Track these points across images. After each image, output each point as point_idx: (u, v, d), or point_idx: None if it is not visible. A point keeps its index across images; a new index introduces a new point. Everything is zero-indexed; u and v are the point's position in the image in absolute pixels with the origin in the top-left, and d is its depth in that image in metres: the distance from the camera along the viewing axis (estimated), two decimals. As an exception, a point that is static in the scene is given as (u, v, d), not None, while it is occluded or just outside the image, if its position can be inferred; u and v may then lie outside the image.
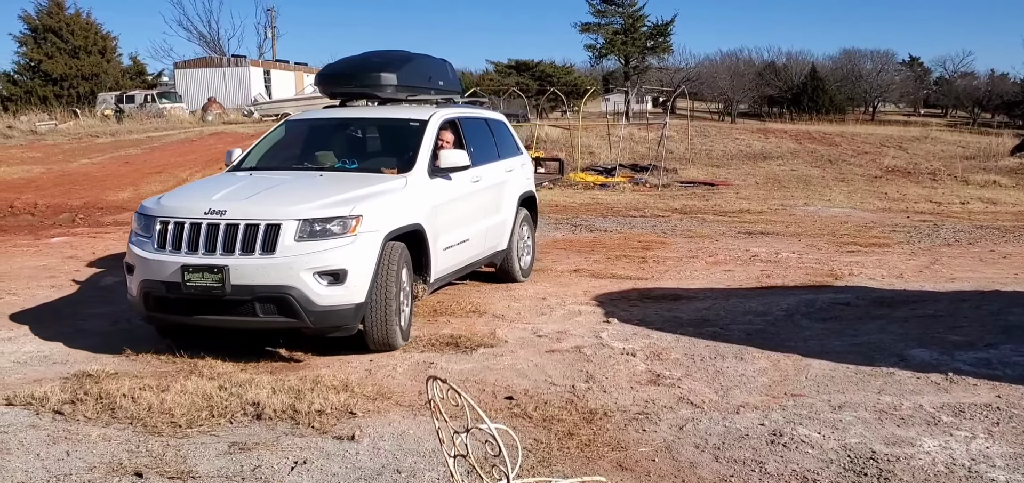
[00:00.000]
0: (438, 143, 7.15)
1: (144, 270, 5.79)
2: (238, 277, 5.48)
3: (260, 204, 5.79)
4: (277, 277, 5.50)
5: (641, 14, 56.14)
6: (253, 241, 5.55)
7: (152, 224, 5.86)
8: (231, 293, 5.50)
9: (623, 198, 17.19)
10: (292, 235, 5.56)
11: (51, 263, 9.81)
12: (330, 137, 7.67)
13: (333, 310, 5.61)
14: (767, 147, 26.88)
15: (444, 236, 6.78)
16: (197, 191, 6.54)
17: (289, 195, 6.00)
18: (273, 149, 7.51)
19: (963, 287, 8.07)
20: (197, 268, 5.52)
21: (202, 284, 5.52)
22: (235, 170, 7.12)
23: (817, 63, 66.34)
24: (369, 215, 5.78)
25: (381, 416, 4.66)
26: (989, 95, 67.35)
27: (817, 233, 12.03)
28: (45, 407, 4.77)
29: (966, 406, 4.70)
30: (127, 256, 6.08)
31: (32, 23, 47.43)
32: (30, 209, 15.43)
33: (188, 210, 5.80)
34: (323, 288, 5.55)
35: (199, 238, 5.62)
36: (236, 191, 6.09)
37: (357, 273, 5.65)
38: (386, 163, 6.94)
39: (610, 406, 4.82)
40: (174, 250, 5.68)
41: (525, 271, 8.60)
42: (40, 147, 27.88)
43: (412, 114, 7.45)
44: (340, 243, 5.61)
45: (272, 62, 53.88)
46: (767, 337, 6.26)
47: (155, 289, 5.73)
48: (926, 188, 19.16)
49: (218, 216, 5.64)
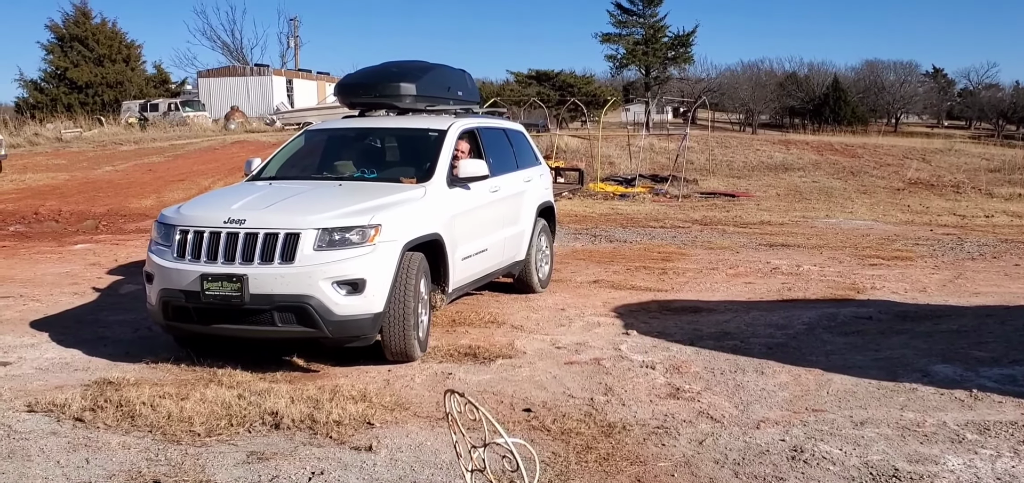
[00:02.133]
0: (456, 153, 7.17)
1: (163, 279, 5.79)
2: (257, 286, 5.48)
3: (279, 213, 5.80)
4: (296, 286, 5.49)
5: (662, 25, 56.02)
6: (272, 250, 5.54)
7: (172, 233, 5.87)
8: (250, 302, 5.49)
9: (643, 209, 17.13)
10: (311, 244, 5.55)
11: (74, 270, 9.91)
12: (349, 147, 7.68)
13: (351, 320, 5.59)
14: (788, 158, 26.73)
15: (462, 246, 6.77)
16: (216, 200, 6.56)
17: (308, 204, 6.01)
18: (292, 158, 7.54)
19: (988, 302, 7.96)
20: (216, 277, 5.52)
21: (221, 293, 5.52)
22: (255, 179, 7.17)
23: (839, 74, 66.00)
24: (388, 225, 5.78)
25: (399, 427, 4.65)
26: (1014, 107, 66.64)
27: (839, 246, 11.93)
28: (66, 414, 4.81)
29: (991, 424, 4.62)
30: (146, 265, 6.10)
31: (59, 32, 48.15)
32: (54, 216, 15.60)
33: (207, 219, 5.79)
34: (342, 298, 5.54)
35: (218, 247, 5.62)
36: (255, 200, 6.11)
37: (376, 283, 5.63)
38: (405, 173, 6.95)
39: (629, 420, 4.79)
40: (193, 259, 5.68)
41: (543, 282, 8.58)
42: (65, 154, 28.23)
43: (431, 124, 7.45)
44: (359, 252, 5.60)
45: (294, 71, 54.31)
46: (788, 351, 6.20)
47: (174, 298, 5.73)
48: (950, 201, 18.96)
49: (237, 225, 5.64)
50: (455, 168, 6.91)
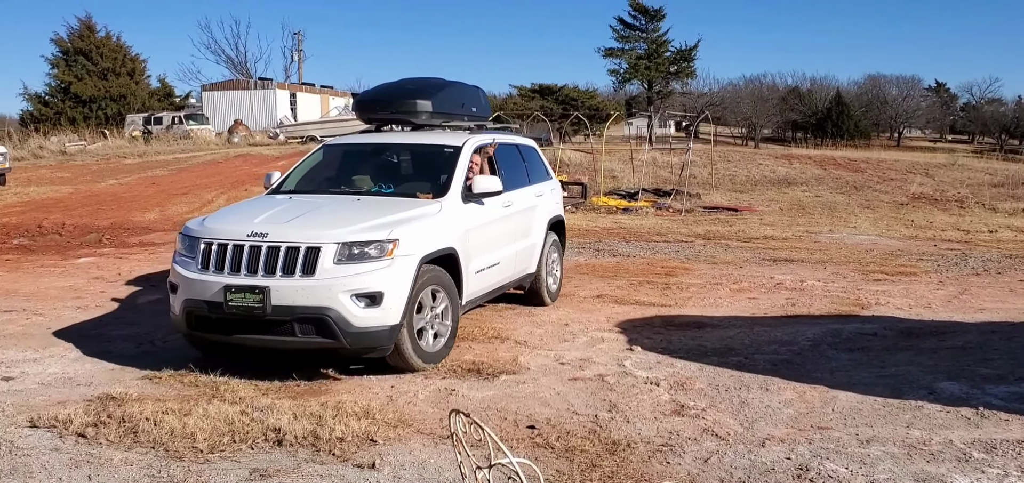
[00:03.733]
0: (471, 169, 7.34)
1: (187, 289, 5.96)
2: (279, 298, 5.64)
3: (300, 227, 5.94)
4: (316, 298, 5.65)
5: (665, 39, 56.13)
6: (294, 263, 5.72)
7: (196, 245, 6.04)
8: (271, 314, 5.66)
9: (646, 223, 17.12)
10: (331, 258, 5.71)
11: (77, 283, 9.90)
12: (366, 162, 7.84)
13: (369, 331, 5.74)
14: (791, 173, 26.73)
15: (476, 260, 6.91)
16: (239, 213, 6.65)
17: (328, 218, 6.16)
18: (310, 173, 7.70)
19: (993, 318, 7.93)
20: (239, 288, 5.70)
21: (243, 304, 5.69)
22: (274, 193, 7.32)
23: (842, 88, 66.15)
24: (405, 239, 5.93)
25: (402, 444, 4.63)
26: (1017, 121, 66.68)
27: (843, 261, 11.90)
28: (68, 430, 4.79)
29: (998, 442, 4.60)
30: (171, 275, 6.25)
31: (63, 45, 48.32)
32: (58, 229, 15.61)
33: (231, 232, 5.96)
34: (360, 310, 5.69)
35: (241, 259, 5.80)
36: (277, 214, 6.25)
37: (393, 295, 5.79)
38: (421, 188, 7.09)
39: (633, 437, 4.76)
40: (217, 271, 5.86)
41: (553, 294, 8.68)
42: (69, 167, 28.29)
43: (446, 140, 7.64)
44: (377, 266, 5.77)
45: (298, 85, 54.41)
46: (793, 367, 6.18)
47: (198, 308, 5.89)
48: (954, 216, 18.93)
49: (260, 238, 5.82)
50: (470, 183, 7.07)
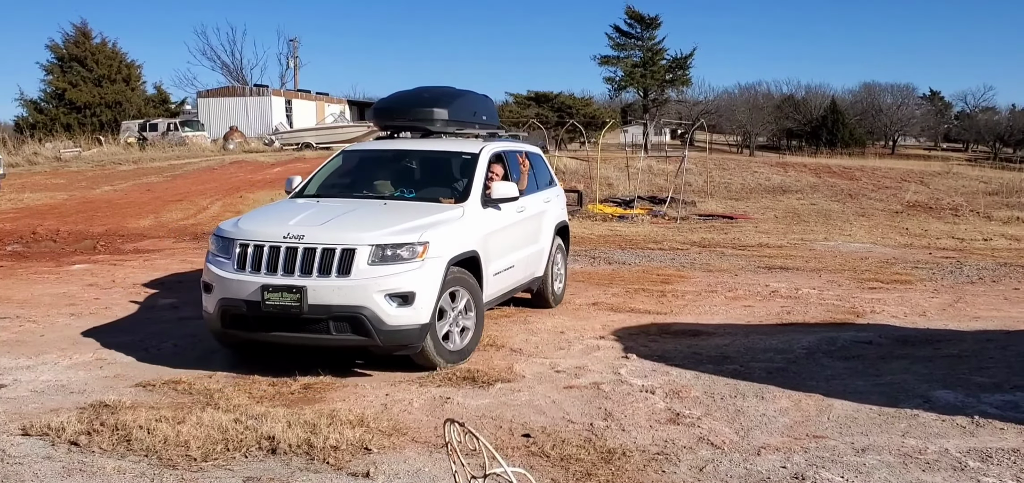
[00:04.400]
0: (489, 175, 7.57)
1: (223, 289, 6.13)
2: (315, 297, 5.85)
3: (335, 230, 6.16)
4: (352, 298, 5.87)
5: (660, 47, 56.24)
6: (330, 264, 5.94)
7: (231, 246, 6.23)
8: (308, 312, 5.86)
9: (641, 230, 17.12)
10: (366, 259, 5.95)
11: (71, 290, 9.87)
12: (386, 167, 8.07)
13: (401, 329, 5.98)
14: (786, 180, 26.78)
15: (494, 263, 7.18)
16: (271, 216, 6.83)
17: (361, 222, 6.40)
18: (331, 177, 7.91)
19: (988, 326, 7.94)
20: (276, 288, 5.90)
21: (281, 303, 5.89)
22: (297, 196, 7.56)
23: (837, 96, 66.27)
24: (435, 242, 6.20)
25: (396, 452, 4.61)
26: (1010, 130, 66.88)
27: (838, 269, 11.91)
28: (61, 437, 4.77)
29: (994, 451, 4.59)
30: (205, 275, 6.40)
31: (58, 52, 48.22)
32: (52, 236, 15.57)
33: (267, 234, 6.16)
34: (393, 309, 5.92)
35: (278, 260, 6.00)
36: (310, 217, 6.45)
37: (424, 295, 6.04)
38: (440, 193, 7.34)
39: (629, 445, 4.75)
40: (254, 271, 6.06)
41: (558, 297, 8.93)
42: (64, 174, 28.23)
43: (463, 147, 7.93)
44: (409, 267, 6.02)
45: (294, 92, 54.37)
46: (788, 376, 6.17)
47: (234, 307, 6.07)
48: (948, 224, 18.97)
49: (297, 240, 6.03)
50: (488, 190, 7.32)
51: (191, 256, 13.00)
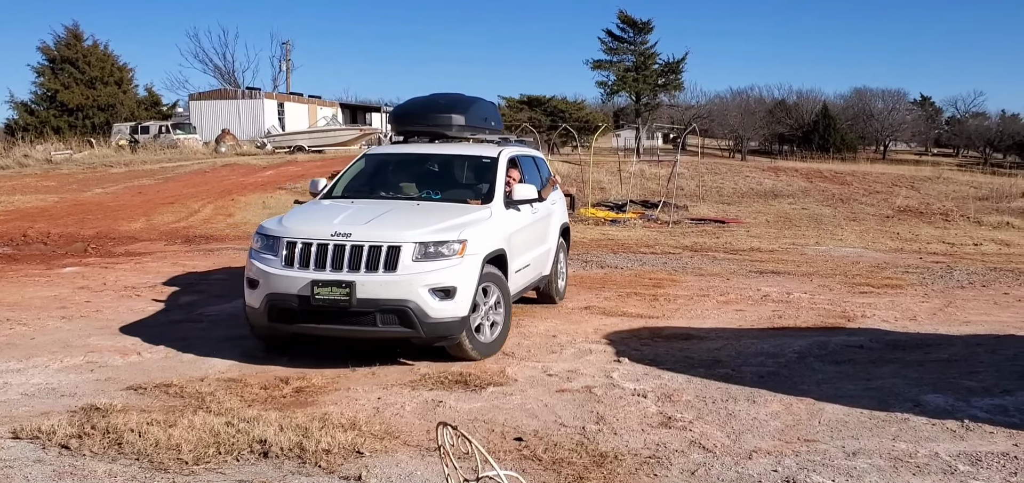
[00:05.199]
0: (506, 178, 7.98)
1: (271, 284, 6.40)
2: (364, 292, 6.17)
3: (379, 228, 6.48)
4: (398, 292, 6.21)
5: (653, 52, 56.35)
6: (376, 260, 6.25)
7: (278, 244, 6.50)
8: (356, 306, 6.18)
9: (634, 234, 17.15)
10: (410, 255, 6.29)
11: (62, 293, 9.83)
12: (409, 170, 8.39)
13: (443, 322, 6.32)
14: (778, 185, 26.85)
15: (515, 260, 7.52)
16: (315, 215, 7.08)
17: (402, 220, 6.74)
18: (356, 179, 8.20)
19: (978, 331, 7.98)
20: (326, 283, 6.20)
21: (330, 297, 6.19)
22: (326, 197, 7.90)
23: (828, 101, 66.52)
24: (472, 240, 6.58)
25: (389, 456, 4.61)
26: (1000, 135, 67.27)
27: (829, 273, 11.96)
28: (51, 441, 4.75)
29: (983, 454, 4.62)
30: (248, 272, 6.67)
31: (50, 54, 47.99)
32: (43, 238, 15.50)
33: (314, 232, 6.45)
34: (437, 303, 6.28)
35: (326, 257, 6.29)
36: (351, 216, 6.75)
37: (464, 290, 6.41)
38: (465, 195, 7.77)
39: (621, 449, 4.76)
40: (302, 267, 6.34)
41: (561, 294, 9.38)
42: (55, 176, 28.11)
43: (481, 151, 8.37)
44: (451, 263, 6.38)
45: (286, 95, 54.28)
46: (780, 380, 6.19)
47: (282, 301, 6.35)
48: (939, 228, 19.06)
49: (344, 238, 6.33)
50: (510, 191, 7.76)
51: (183, 259, 12.96)
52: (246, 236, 16.17)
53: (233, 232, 16.90)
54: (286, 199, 21.81)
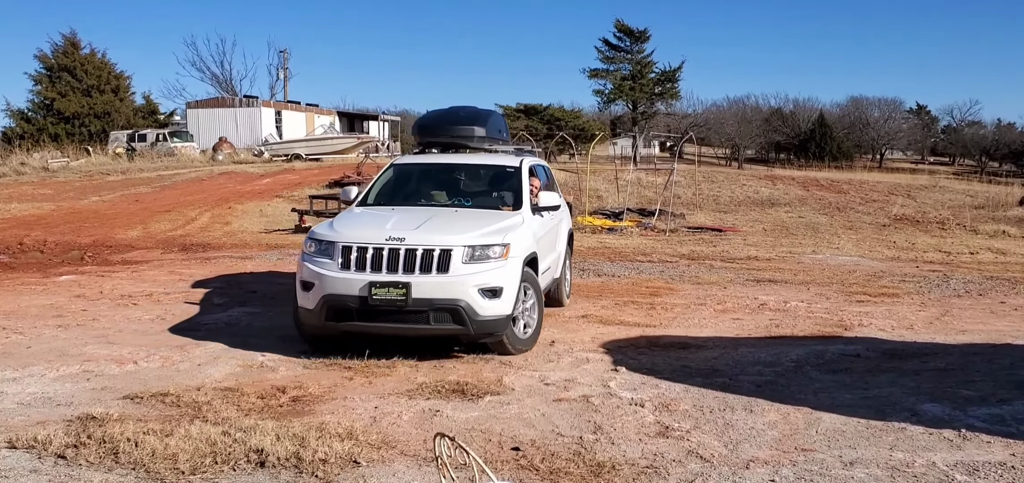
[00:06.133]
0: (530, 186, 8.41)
1: (328, 286, 6.79)
2: (419, 292, 6.61)
3: (429, 233, 6.93)
4: (451, 292, 6.66)
5: (649, 60, 56.49)
6: (430, 263, 6.71)
7: (333, 249, 6.91)
8: (412, 305, 6.61)
9: (631, 242, 17.16)
10: (461, 258, 6.76)
11: (58, 301, 9.81)
12: (438, 179, 8.87)
13: (491, 319, 6.78)
14: (775, 193, 26.89)
15: (541, 263, 7.93)
16: (364, 221, 7.49)
17: (449, 226, 7.19)
18: (387, 188, 8.61)
19: (974, 340, 7.99)
20: (383, 284, 6.63)
21: (387, 298, 6.61)
22: (361, 204, 8.29)
23: (824, 110, 66.65)
24: (514, 244, 7.09)
25: (385, 465, 4.60)
26: (996, 144, 67.41)
27: (826, 282, 11.97)
28: (47, 450, 4.73)
29: (980, 464, 4.62)
30: (303, 275, 7.04)
31: (47, 62, 48.01)
32: (39, 246, 15.48)
33: (370, 237, 6.88)
34: (485, 302, 6.73)
35: (383, 260, 6.71)
36: (400, 223, 7.16)
37: (509, 290, 6.88)
38: (493, 202, 8.27)
39: (618, 459, 4.75)
40: (359, 269, 6.75)
41: (567, 296, 9.81)
42: (51, 184, 28.09)
43: (504, 161, 8.90)
44: (497, 265, 6.87)
45: (283, 103, 54.30)
46: (777, 389, 6.19)
47: (339, 302, 6.75)
48: (935, 237, 19.09)
49: (399, 242, 6.77)
50: (535, 198, 8.27)
51: (180, 267, 12.95)
52: (243, 244, 16.17)
53: (230, 240, 16.89)
54: (284, 207, 21.81)
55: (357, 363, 6.77)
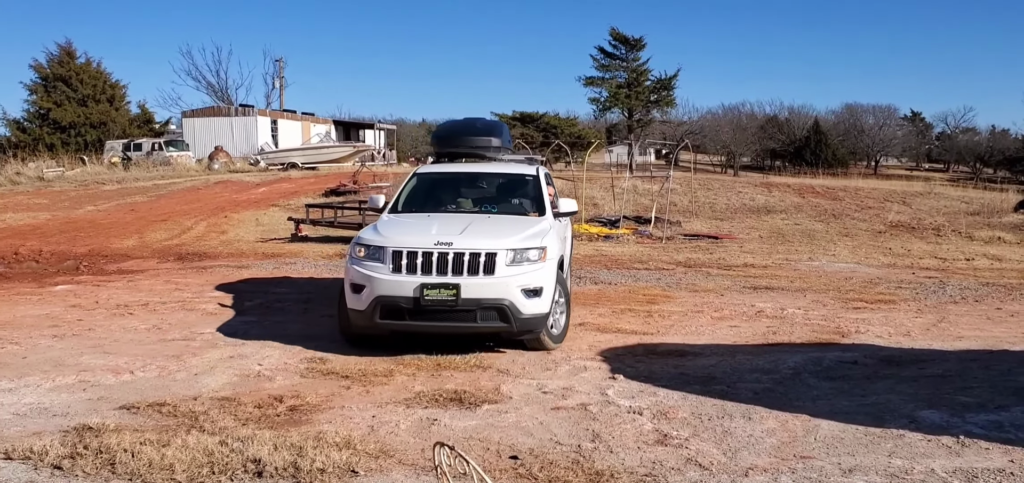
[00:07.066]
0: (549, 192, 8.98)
1: (379, 288, 7.20)
2: (468, 292, 7.06)
3: (474, 238, 7.37)
4: (497, 292, 7.12)
5: (645, 68, 56.65)
6: (477, 265, 7.15)
7: (383, 253, 7.34)
8: (461, 305, 7.06)
9: (627, 250, 17.16)
10: (505, 261, 7.22)
11: (54, 311, 9.77)
12: (461, 186, 9.29)
13: (532, 317, 7.26)
14: (770, 200, 26.93)
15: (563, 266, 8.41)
16: (409, 227, 7.84)
17: (490, 231, 7.66)
18: (413, 195, 9.02)
19: (971, 346, 7.99)
20: (434, 286, 7.06)
21: (439, 298, 7.05)
22: (392, 211, 8.70)
23: (820, 117, 66.93)
24: (549, 247, 7.61)
25: (383, 475, 4.58)
26: (991, 150, 67.69)
27: (822, 289, 11.98)
28: (44, 461, 4.71)
29: (979, 471, 4.62)
30: (353, 278, 7.42)
31: (42, 71, 47.95)
32: (35, 256, 15.44)
33: (419, 242, 7.29)
34: (527, 301, 7.20)
35: (433, 263, 7.15)
36: (443, 228, 7.60)
37: (547, 289, 7.38)
38: (516, 208, 8.78)
39: (616, 467, 4.74)
40: (411, 272, 7.16)
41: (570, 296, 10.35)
42: (47, 194, 28.03)
43: (522, 170, 9.43)
44: (537, 267, 7.35)
45: (279, 112, 54.22)
46: (775, 396, 6.19)
47: (392, 302, 7.15)
48: (931, 244, 19.12)
49: (447, 246, 7.19)
50: (555, 205, 8.82)
51: (176, 277, 12.91)
52: (239, 253, 16.13)
53: (226, 249, 16.86)
54: (280, 216, 21.79)
55: (354, 372, 6.77)
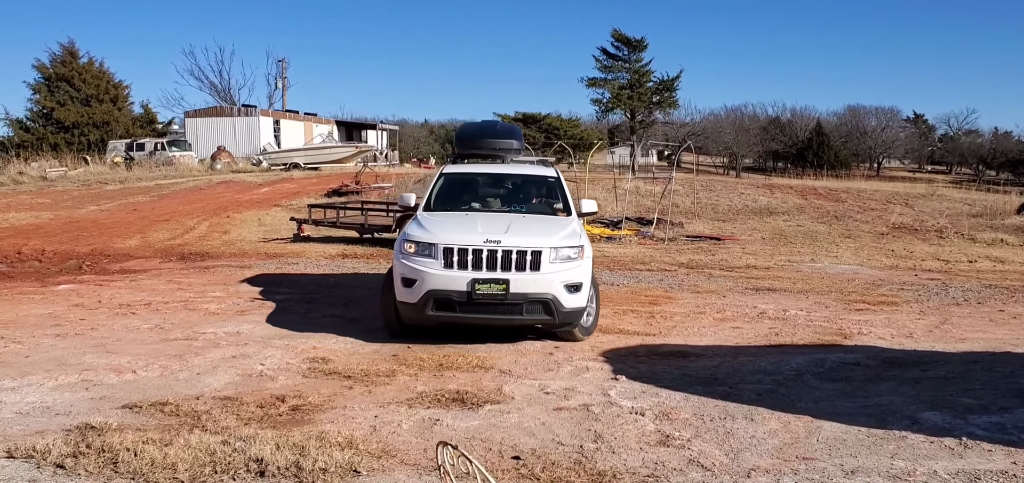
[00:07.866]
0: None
1: (431, 282, 7.62)
2: (516, 287, 7.54)
3: (518, 236, 7.81)
4: (543, 287, 7.60)
5: (647, 70, 56.60)
6: (524, 262, 7.62)
7: (434, 249, 7.73)
8: (509, 299, 7.54)
9: (629, 251, 17.16)
10: (548, 258, 7.70)
11: (57, 311, 9.78)
12: (488, 186, 9.77)
13: (572, 310, 7.74)
14: (773, 202, 26.91)
15: None
16: (455, 225, 8.19)
17: (531, 230, 8.13)
18: (443, 194, 9.38)
19: (974, 348, 7.99)
20: (486, 281, 7.53)
21: (489, 292, 7.53)
22: (425, 210, 8.99)
23: (822, 119, 66.87)
24: (585, 245, 8.06)
25: (386, 475, 4.58)
26: (993, 152, 67.63)
27: (825, 290, 11.97)
28: (46, 460, 4.71)
29: (982, 473, 4.61)
30: (403, 272, 7.80)
31: (45, 71, 48.06)
32: (37, 255, 15.46)
33: (469, 240, 7.70)
34: (569, 296, 7.69)
35: (483, 260, 7.59)
36: (487, 226, 8.03)
37: (586, 284, 7.85)
38: (541, 208, 9.25)
39: (619, 468, 4.74)
40: (462, 268, 7.60)
41: None
42: (50, 193, 28.07)
43: (542, 171, 9.94)
44: (577, 264, 7.82)
45: (282, 112, 54.30)
46: (777, 397, 6.18)
47: (444, 296, 7.59)
48: (933, 246, 19.10)
49: (496, 244, 7.63)
50: (578, 205, 9.20)
51: (178, 276, 12.93)
52: (242, 253, 16.15)
53: (228, 249, 16.87)
54: (282, 216, 21.81)
55: (357, 372, 6.78)
